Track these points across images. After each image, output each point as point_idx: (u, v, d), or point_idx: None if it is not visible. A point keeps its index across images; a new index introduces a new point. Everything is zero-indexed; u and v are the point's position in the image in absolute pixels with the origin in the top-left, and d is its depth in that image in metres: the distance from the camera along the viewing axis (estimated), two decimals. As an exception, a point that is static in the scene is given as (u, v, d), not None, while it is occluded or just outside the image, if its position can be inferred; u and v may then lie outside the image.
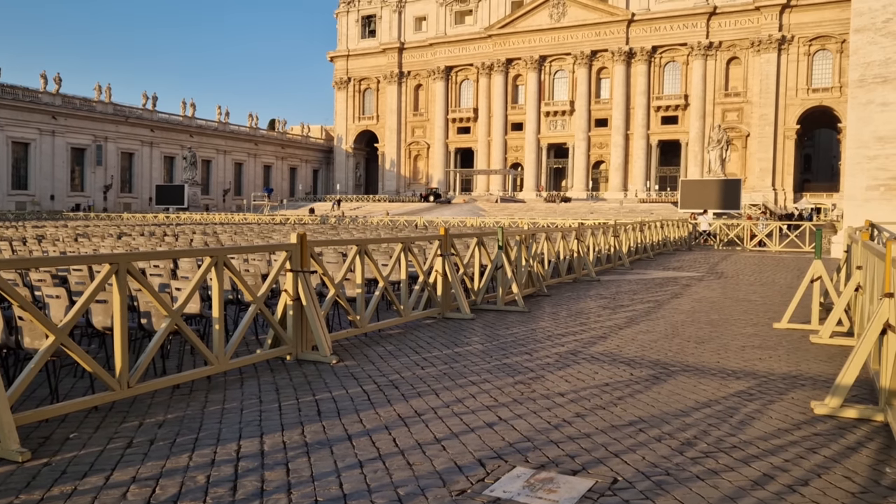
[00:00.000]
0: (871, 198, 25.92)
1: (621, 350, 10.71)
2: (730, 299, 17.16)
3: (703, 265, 27.63)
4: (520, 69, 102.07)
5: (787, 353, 10.58)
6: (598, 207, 79.63)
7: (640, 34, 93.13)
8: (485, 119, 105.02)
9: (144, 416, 7.13)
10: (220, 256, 8.69)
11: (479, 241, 15.85)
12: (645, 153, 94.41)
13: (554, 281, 19.88)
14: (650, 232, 32.74)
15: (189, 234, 29.17)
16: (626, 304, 16.05)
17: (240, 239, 26.89)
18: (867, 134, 26.05)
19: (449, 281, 13.86)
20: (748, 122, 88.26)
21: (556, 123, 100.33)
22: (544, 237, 19.83)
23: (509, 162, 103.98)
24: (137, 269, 7.70)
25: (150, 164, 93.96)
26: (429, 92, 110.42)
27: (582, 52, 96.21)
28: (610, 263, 25.78)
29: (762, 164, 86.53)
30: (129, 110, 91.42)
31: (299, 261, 9.86)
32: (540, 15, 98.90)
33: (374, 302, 11.88)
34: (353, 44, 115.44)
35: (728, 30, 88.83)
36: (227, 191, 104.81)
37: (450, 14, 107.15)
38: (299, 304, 9.83)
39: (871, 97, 25.90)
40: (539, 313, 14.64)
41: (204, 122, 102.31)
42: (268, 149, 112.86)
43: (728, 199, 60.65)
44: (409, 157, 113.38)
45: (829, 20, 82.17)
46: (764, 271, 25.15)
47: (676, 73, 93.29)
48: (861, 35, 26.36)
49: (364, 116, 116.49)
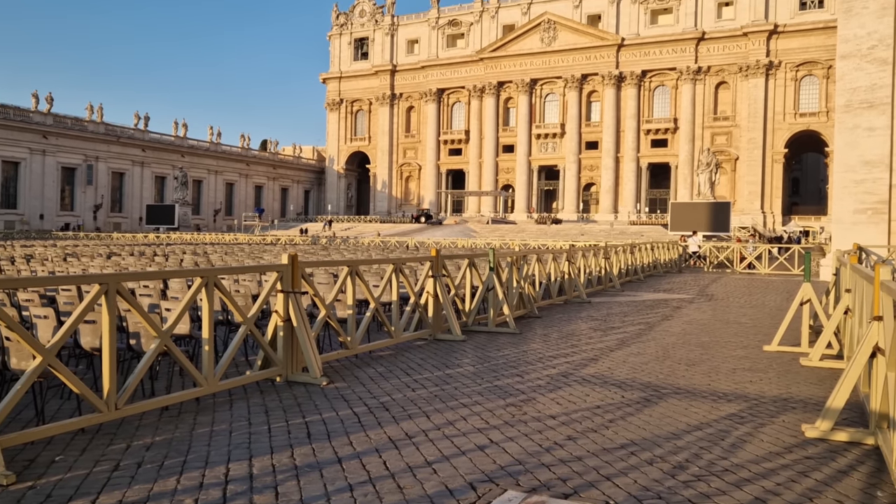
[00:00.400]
0: (858, 221, 26.15)
1: (612, 372, 10.70)
2: (720, 322, 17.21)
3: (694, 287, 27.73)
4: (511, 92, 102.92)
5: (778, 376, 10.59)
6: (589, 229, 79.97)
7: (630, 58, 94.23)
8: (476, 141, 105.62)
9: (132, 439, 7.05)
10: (211, 277, 8.66)
11: (470, 262, 15.86)
12: (635, 176, 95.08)
13: (545, 303, 19.89)
14: (640, 254, 32.86)
15: (179, 254, 29.05)
16: (617, 327, 16.06)
17: (230, 259, 26.79)
18: (854, 158, 26.35)
19: (440, 302, 13.84)
20: (737, 145, 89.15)
21: (547, 146, 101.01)
22: (535, 259, 19.86)
23: (500, 183, 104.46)
24: (127, 289, 7.65)
25: (140, 184, 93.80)
26: (421, 114, 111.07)
27: (572, 76, 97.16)
28: (601, 285, 25.83)
29: (751, 187, 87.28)
30: (120, 130, 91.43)
31: (290, 282, 9.83)
32: (531, 39, 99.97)
33: (364, 323, 11.83)
34: (346, 66, 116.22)
35: (716, 55, 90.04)
36: (218, 211, 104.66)
37: (442, 37, 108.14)
38: (290, 325, 9.79)
39: (857, 122, 26.23)
40: (530, 335, 14.62)
41: (196, 142, 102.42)
42: (259, 169, 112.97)
43: (718, 221, 61.10)
44: (400, 179, 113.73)
45: (816, 46, 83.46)
46: (754, 294, 25.26)
47: (666, 96, 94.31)
48: (847, 61, 26.76)
49: (356, 137, 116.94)
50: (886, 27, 25.66)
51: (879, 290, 7.11)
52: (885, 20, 25.67)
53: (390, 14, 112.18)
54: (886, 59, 25.64)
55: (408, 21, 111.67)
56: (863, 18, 26.17)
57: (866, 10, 26.09)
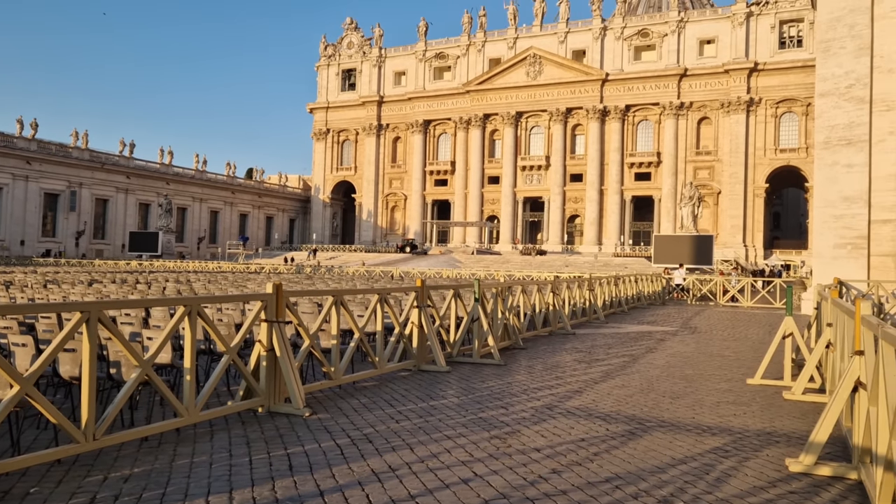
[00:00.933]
0: (838, 256, 26.48)
1: (597, 405, 10.67)
2: (704, 354, 17.26)
3: (677, 320, 27.84)
4: (497, 124, 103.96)
5: (761, 410, 10.62)
6: (574, 261, 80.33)
7: (614, 93, 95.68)
8: (462, 172, 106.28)
9: (110, 470, 6.92)
10: (194, 305, 8.59)
11: (455, 292, 15.85)
12: (619, 208, 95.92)
13: (530, 334, 19.87)
14: (625, 286, 33.01)
15: (162, 281, 28.81)
16: (602, 358, 16.06)
17: (214, 288, 26.60)
18: (834, 194, 26.77)
19: (425, 333, 13.79)
20: (719, 179, 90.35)
21: (533, 177, 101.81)
22: (520, 290, 19.89)
23: (486, 214, 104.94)
24: (108, 317, 7.57)
25: (124, 211, 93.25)
26: (407, 144, 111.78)
27: (558, 109, 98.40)
28: (585, 317, 25.88)
29: (733, 220, 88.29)
30: (105, 157, 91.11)
31: (275, 311, 9.77)
32: (517, 72, 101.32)
33: (348, 353, 11.76)
34: (333, 96, 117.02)
35: (699, 91, 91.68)
36: (202, 239, 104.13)
37: (429, 69, 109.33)
38: (273, 354, 9.70)
39: (836, 158, 26.71)
40: (515, 366, 14.58)
41: (181, 169, 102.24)
42: (244, 197, 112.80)
43: (700, 254, 61.60)
44: (386, 208, 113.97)
45: (795, 84, 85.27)
46: (737, 327, 25.40)
47: (649, 131, 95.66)
48: (825, 99, 27.33)
49: (342, 167, 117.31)
50: (863, 67, 26.28)
51: (860, 324, 7.18)
52: (861, 60, 26.31)
53: (378, 46, 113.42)
54: (864, 98, 26.21)
55: (395, 53, 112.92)
56: (840, 58, 26.81)
57: (844, 51, 26.74)
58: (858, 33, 26.47)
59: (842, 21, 26.87)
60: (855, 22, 26.56)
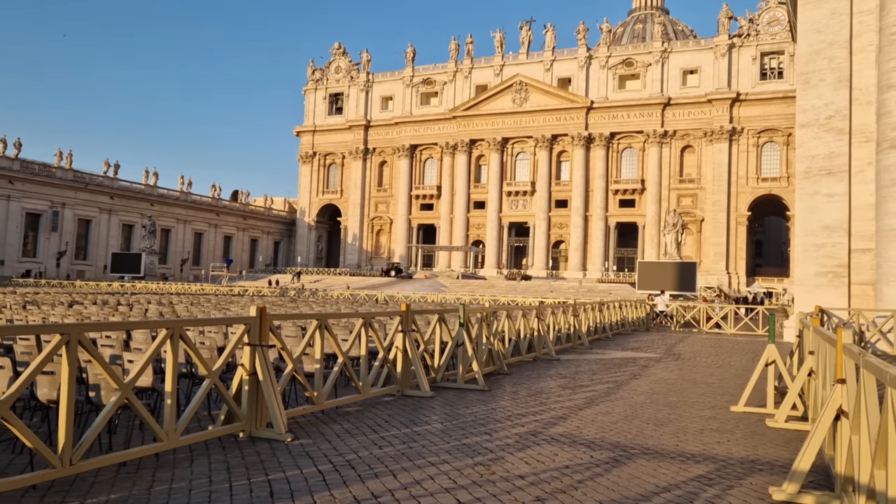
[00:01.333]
0: (820, 284, 26.75)
1: (581, 431, 10.64)
2: (687, 381, 17.29)
3: (661, 346, 27.91)
4: (483, 149, 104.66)
5: (745, 437, 10.63)
6: (558, 286, 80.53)
7: (599, 121, 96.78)
8: (448, 197, 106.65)
9: (86, 496, 6.78)
10: (176, 328, 8.50)
11: (440, 317, 15.81)
12: (603, 234, 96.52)
13: (514, 359, 19.82)
14: (609, 312, 33.10)
15: (144, 303, 28.53)
16: (586, 385, 16.04)
17: (196, 310, 26.37)
18: (815, 223, 27.12)
19: (409, 357, 13.73)
20: (702, 207, 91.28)
21: (518, 203, 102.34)
22: (505, 315, 19.88)
23: (471, 239, 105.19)
24: (89, 339, 7.48)
25: (107, 232, 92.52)
26: (393, 168, 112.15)
27: (543, 136, 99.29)
28: (570, 342, 25.88)
29: (716, 248, 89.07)
30: (89, 177, 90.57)
31: (258, 334, 9.68)
32: (503, 99, 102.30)
33: (332, 378, 11.66)
34: (320, 120, 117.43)
35: (682, 119, 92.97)
36: (186, 260, 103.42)
37: (416, 95, 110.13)
38: (255, 378, 9.60)
39: (816, 188, 27.10)
40: (499, 392, 14.52)
41: (166, 191, 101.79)
42: (229, 219, 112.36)
43: (684, 281, 61.99)
44: (371, 232, 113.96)
45: (776, 114, 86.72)
46: (720, 354, 25.50)
47: (633, 158, 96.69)
48: (806, 130, 27.80)
49: (328, 190, 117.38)
50: (842, 99, 26.80)
51: (842, 353, 7.24)
52: (840, 92, 26.84)
53: (366, 71, 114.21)
54: (843, 129, 26.69)
55: (383, 78, 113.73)
56: (820, 90, 27.32)
57: (823, 83, 27.27)
58: (838, 66, 27.02)
59: (821, 54, 27.44)
60: (834, 55, 27.13)
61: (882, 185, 23.48)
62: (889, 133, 23.21)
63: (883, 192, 23.41)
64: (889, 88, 23.37)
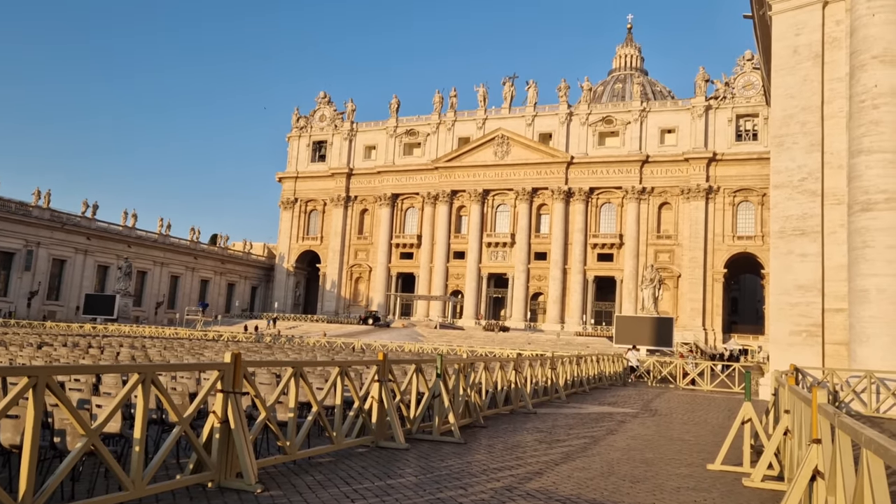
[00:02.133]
0: (794, 342, 26.99)
1: (557, 487, 10.50)
2: (664, 438, 17.21)
3: (638, 401, 27.82)
4: (464, 200, 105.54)
5: (722, 496, 10.55)
6: (536, 338, 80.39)
7: (579, 175, 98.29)
8: (428, 246, 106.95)
9: (44, 547, 6.53)
10: (149, 373, 8.34)
11: (417, 367, 15.68)
12: (582, 287, 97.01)
13: (491, 412, 19.64)
14: (586, 366, 33.04)
15: (116, 346, 28.00)
16: (563, 439, 15.90)
17: (169, 354, 25.92)
18: (789, 282, 27.51)
19: (385, 408, 13.55)
20: (679, 263, 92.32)
21: (498, 254, 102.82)
22: (483, 366, 19.77)
23: (450, 289, 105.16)
24: (57, 383, 7.31)
25: (81, 273, 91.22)
26: (374, 216, 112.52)
27: (524, 189, 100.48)
28: (547, 396, 25.72)
29: (693, 304, 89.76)
30: (66, 217, 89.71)
31: (231, 381, 9.53)
32: (485, 152, 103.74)
33: (305, 427, 11.46)
34: (303, 166, 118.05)
35: (660, 177, 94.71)
36: (161, 303, 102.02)
37: (399, 145, 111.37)
38: (227, 426, 9.41)
39: (790, 248, 27.58)
40: (475, 445, 14.34)
41: (144, 232, 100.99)
42: (207, 263, 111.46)
43: (661, 336, 62.23)
44: (350, 279, 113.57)
45: (751, 175, 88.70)
46: (696, 410, 25.46)
47: (612, 213, 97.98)
48: (780, 191, 28.44)
49: (308, 237, 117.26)
50: (815, 162, 27.53)
51: (817, 413, 7.27)
52: (813, 155, 27.58)
53: (350, 120, 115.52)
54: (816, 191, 27.34)
55: (367, 128, 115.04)
56: (793, 153, 28.07)
57: (796, 146, 28.03)
58: (810, 130, 27.84)
59: (794, 118, 28.28)
60: (807, 120, 27.98)
61: (854, 247, 23.96)
62: (860, 196, 23.81)
63: (855, 253, 23.89)
64: (859, 153, 24.08)
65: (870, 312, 23.04)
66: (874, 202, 23.36)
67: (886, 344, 22.65)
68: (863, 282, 23.37)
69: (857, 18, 24.98)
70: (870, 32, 24.34)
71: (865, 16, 24.53)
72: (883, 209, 23.20)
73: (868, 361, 22.80)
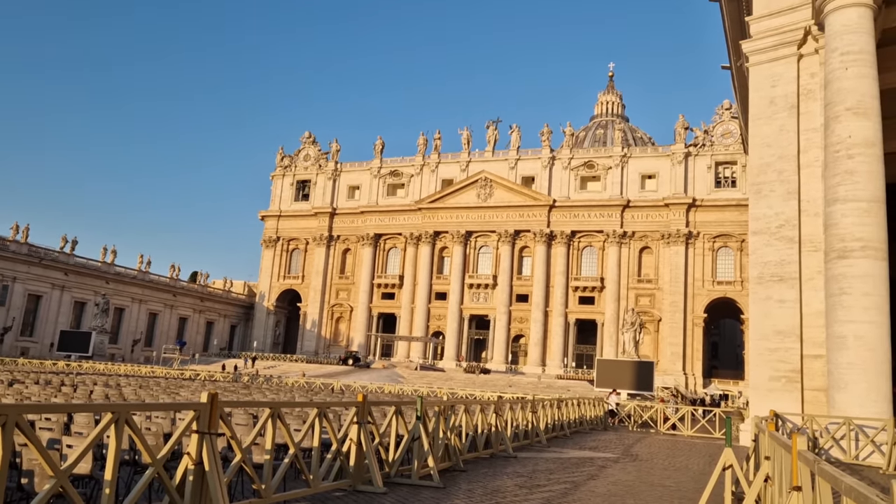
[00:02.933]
0: (774, 388, 27.05)
1: (537, 534, 10.33)
2: (645, 484, 17.06)
3: (619, 446, 27.63)
4: (447, 242, 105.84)
5: (702, 544, 10.43)
6: (517, 381, 79.94)
7: (561, 219, 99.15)
8: (410, 286, 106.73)
9: None
10: (122, 413, 8.17)
11: (397, 409, 15.50)
12: (563, 330, 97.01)
13: (471, 455, 19.39)
14: (567, 409, 32.83)
15: (90, 385, 27.45)
16: (543, 484, 15.71)
17: (144, 393, 25.43)
18: (768, 327, 27.69)
19: (363, 451, 13.34)
20: (660, 307, 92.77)
21: (479, 296, 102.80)
22: (463, 409, 19.58)
23: (431, 330, 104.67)
24: (27, 421, 7.14)
25: (58, 309, 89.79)
26: (356, 256, 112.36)
27: (506, 231, 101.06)
28: (527, 439, 25.47)
29: (673, 348, 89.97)
30: (44, 252, 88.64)
31: (207, 422, 9.35)
32: (468, 194, 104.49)
33: (282, 470, 11.24)
34: (286, 205, 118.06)
35: (640, 221, 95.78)
36: (138, 341, 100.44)
37: (382, 185, 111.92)
38: (202, 468, 9.20)
39: (769, 293, 27.84)
40: (454, 490, 14.12)
41: (123, 269, 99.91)
42: (186, 301, 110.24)
43: (642, 380, 62.20)
44: (331, 319, 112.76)
45: (730, 221, 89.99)
46: (677, 456, 25.31)
47: (594, 256, 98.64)
48: (758, 237, 28.83)
49: (289, 275, 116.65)
50: (791, 210, 28.00)
51: (797, 460, 7.27)
52: (790, 203, 28.07)
53: (334, 160, 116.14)
54: (793, 238, 27.75)
55: (351, 168, 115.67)
56: (770, 200, 28.56)
57: (774, 193, 28.54)
58: (787, 178, 28.39)
59: (771, 167, 28.85)
60: (783, 168, 28.55)
61: (831, 294, 24.26)
62: (836, 244, 24.21)
63: (832, 300, 24.17)
64: (835, 202, 24.55)
65: (847, 359, 23.22)
66: (850, 249, 23.74)
67: (864, 390, 22.79)
68: (840, 328, 23.60)
69: (830, 71, 25.73)
70: (843, 85, 25.05)
71: (839, 69, 25.28)
72: (859, 257, 23.57)
73: (847, 408, 22.89)
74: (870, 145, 24.33)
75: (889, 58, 28.45)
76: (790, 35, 29.10)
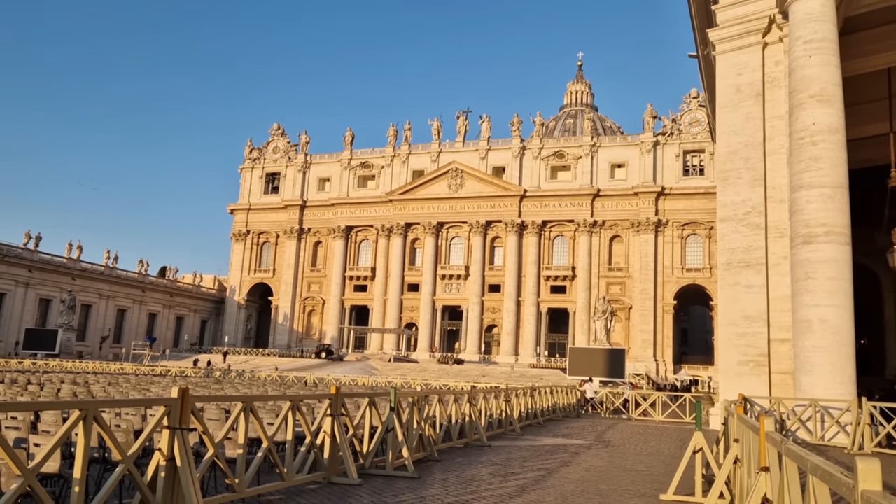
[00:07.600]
0: (742, 372, 27.52)
1: (512, 521, 10.40)
2: (618, 469, 17.27)
3: (591, 433, 27.92)
4: (418, 233, 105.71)
5: (674, 527, 10.59)
6: (490, 371, 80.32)
7: (532, 209, 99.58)
8: (382, 278, 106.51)
9: None
10: (90, 410, 8.03)
11: (370, 401, 15.48)
12: (535, 319, 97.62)
13: (445, 445, 19.44)
14: (540, 398, 33.07)
15: (57, 383, 26.97)
16: (517, 472, 15.82)
17: (114, 390, 25.05)
18: (736, 313, 28.14)
19: (337, 443, 13.30)
20: (630, 295, 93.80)
21: (452, 286, 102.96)
22: (437, 399, 19.61)
23: (404, 321, 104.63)
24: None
25: (22, 307, 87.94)
26: (328, 249, 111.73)
27: (478, 221, 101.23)
28: (501, 428, 25.61)
29: (644, 335, 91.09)
30: (7, 248, 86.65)
31: (178, 417, 9.24)
32: (439, 184, 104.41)
33: (255, 464, 11.16)
34: (256, 198, 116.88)
35: (611, 210, 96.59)
36: (106, 338, 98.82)
37: (353, 177, 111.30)
38: (173, 464, 9.09)
39: (737, 279, 28.28)
40: (429, 479, 14.15)
41: (89, 265, 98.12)
42: (155, 296, 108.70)
43: (614, 367, 62.80)
44: (303, 312, 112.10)
45: (699, 209, 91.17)
46: (649, 441, 25.66)
47: (565, 246, 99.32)
48: (726, 224, 29.24)
49: (260, 269, 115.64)
50: (758, 196, 28.44)
51: (765, 441, 7.40)
52: (756, 190, 28.50)
53: (304, 152, 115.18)
54: (759, 224, 28.19)
55: (320, 160, 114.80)
56: (738, 187, 28.96)
57: (741, 181, 28.95)
58: (753, 166, 28.80)
59: (738, 154, 29.25)
60: (750, 155, 28.95)
61: (797, 279, 24.71)
62: (801, 230, 24.65)
63: (798, 285, 24.62)
64: (799, 188, 24.98)
65: (812, 342, 23.69)
66: (815, 235, 24.19)
67: (829, 373, 23.28)
68: (806, 312, 24.06)
69: (794, 59, 26.12)
70: (806, 73, 25.45)
71: (802, 57, 25.67)
72: (823, 242, 24.02)
73: (812, 390, 23.38)
74: (833, 132, 24.76)
75: (851, 46, 28.96)
76: (755, 23, 29.46)
